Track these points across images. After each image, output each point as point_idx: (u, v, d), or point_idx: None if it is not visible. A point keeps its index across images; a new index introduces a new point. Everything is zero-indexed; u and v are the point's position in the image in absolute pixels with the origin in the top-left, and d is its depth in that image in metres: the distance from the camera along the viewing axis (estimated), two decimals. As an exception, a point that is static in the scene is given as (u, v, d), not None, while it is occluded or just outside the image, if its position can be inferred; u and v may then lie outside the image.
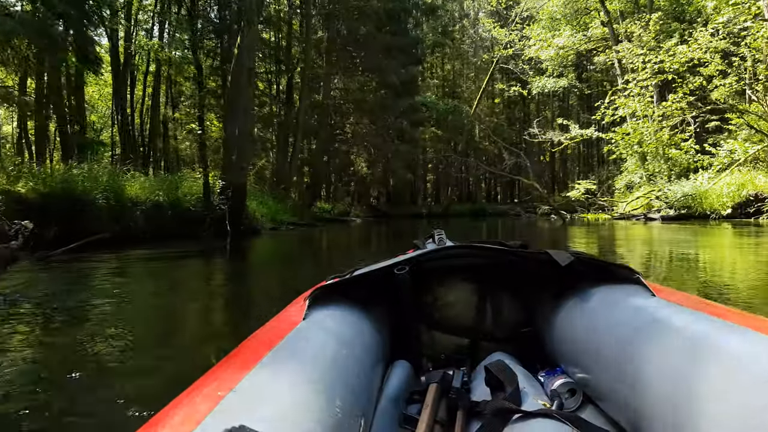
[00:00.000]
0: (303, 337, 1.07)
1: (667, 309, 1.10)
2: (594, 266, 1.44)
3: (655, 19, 21.20)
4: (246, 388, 0.77)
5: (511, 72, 41.58)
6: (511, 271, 1.71)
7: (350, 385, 0.98)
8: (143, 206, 11.27)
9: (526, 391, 1.24)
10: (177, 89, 26.67)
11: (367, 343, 1.27)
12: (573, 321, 1.36)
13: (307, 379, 0.86)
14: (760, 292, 4.30)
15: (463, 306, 1.75)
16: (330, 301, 1.36)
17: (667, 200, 19.05)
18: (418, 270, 1.63)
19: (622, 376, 1.04)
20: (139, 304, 4.26)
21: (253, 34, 12.04)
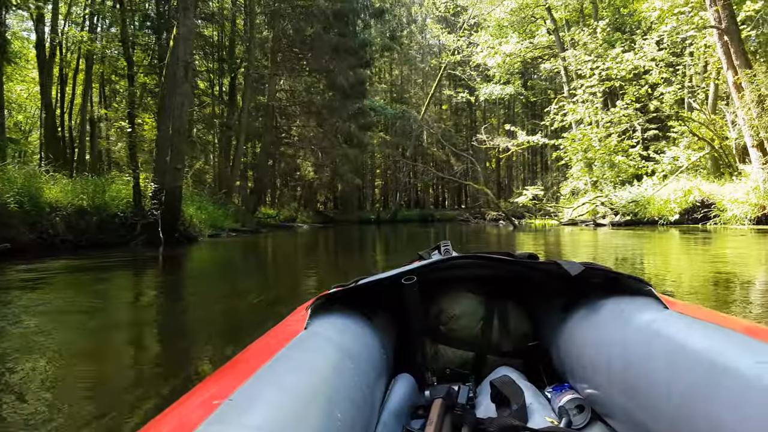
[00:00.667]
0: (303, 347, 1.05)
1: (681, 323, 1.07)
2: (604, 277, 1.40)
3: (602, 27, 21.21)
4: (242, 397, 0.76)
5: (459, 78, 41.69)
6: (519, 282, 1.71)
7: (352, 397, 0.95)
8: (64, 211, 10.22)
9: (533, 408, 1.22)
10: (111, 87, 25.48)
11: (370, 355, 1.24)
12: (582, 334, 1.33)
13: (306, 389, 0.84)
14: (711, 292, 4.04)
15: (469, 319, 1.68)
16: (332, 310, 1.34)
17: (612, 206, 19.07)
18: (424, 281, 1.52)
19: (632, 393, 1.02)
20: (40, 328, 3.39)
21: (190, 24, 11.07)
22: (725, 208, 14.32)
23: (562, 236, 13.88)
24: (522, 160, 50.17)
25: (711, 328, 1.00)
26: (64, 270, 6.95)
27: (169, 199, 11.45)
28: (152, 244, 10.97)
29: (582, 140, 21.38)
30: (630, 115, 19.66)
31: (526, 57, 30.76)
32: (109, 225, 10.99)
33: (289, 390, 0.81)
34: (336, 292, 1.38)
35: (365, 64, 30.60)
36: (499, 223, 25.88)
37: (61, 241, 9.85)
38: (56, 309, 4.23)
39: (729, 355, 0.85)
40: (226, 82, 28.54)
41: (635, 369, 1.04)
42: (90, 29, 20.85)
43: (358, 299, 1.43)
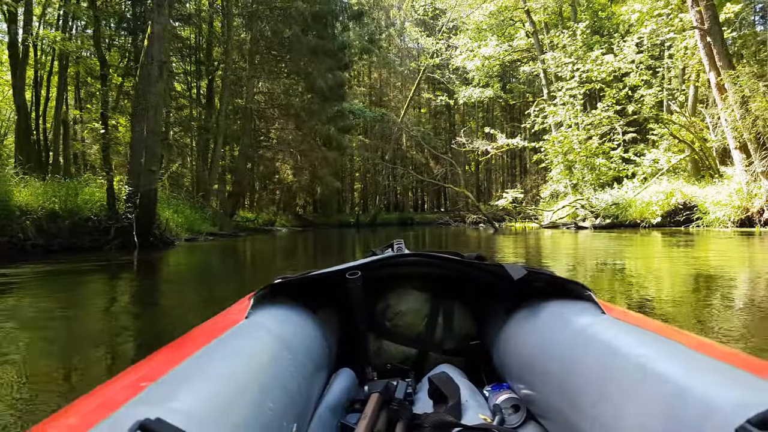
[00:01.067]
0: (241, 335, 1.04)
1: (616, 328, 1.08)
2: (547, 282, 1.42)
3: (582, 29, 21.24)
4: (170, 380, 0.74)
5: (438, 81, 41.68)
6: (465, 282, 1.71)
7: (286, 388, 0.95)
8: (34, 215, 9.86)
9: (469, 405, 1.24)
10: (87, 90, 24.98)
11: (311, 348, 1.24)
12: (522, 336, 1.36)
13: (239, 377, 0.83)
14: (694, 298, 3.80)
15: (414, 316, 1.71)
16: (276, 301, 1.33)
17: (592, 209, 19.05)
18: (372, 277, 1.57)
19: (566, 394, 1.03)
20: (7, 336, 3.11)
21: (164, 22, 10.75)
22: (707, 210, 14.32)
23: (544, 239, 13.73)
24: (501, 163, 50.31)
25: (644, 334, 1.02)
26: (32, 275, 6.63)
27: (144, 202, 11.12)
28: (126, 249, 10.64)
29: (563, 142, 21.36)
30: (611, 117, 19.69)
31: (505, 60, 30.80)
32: (82, 229, 10.62)
33: (220, 376, 0.80)
34: (280, 283, 1.38)
35: (344, 66, 30.39)
36: (479, 226, 25.84)
37: (32, 246, 9.52)
38: (17, 317, 3.95)
39: (658, 361, 0.87)
40: (204, 85, 28.20)
41: (569, 371, 1.06)
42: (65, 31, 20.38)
43: (303, 292, 1.44)
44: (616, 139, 20.17)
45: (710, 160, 17.66)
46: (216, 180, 24.31)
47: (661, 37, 18.28)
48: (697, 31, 13.72)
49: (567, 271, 6.31)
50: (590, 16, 27.78)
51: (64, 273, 7.02)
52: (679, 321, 3.28)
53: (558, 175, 23.91)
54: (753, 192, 12.89)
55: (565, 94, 21.24)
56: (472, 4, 30.82)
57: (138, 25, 20.70)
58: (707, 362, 0.84)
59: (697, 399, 0.74)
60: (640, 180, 19.17)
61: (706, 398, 0.73)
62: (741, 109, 12.63)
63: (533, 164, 32.79)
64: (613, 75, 19.54)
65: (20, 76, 16.72)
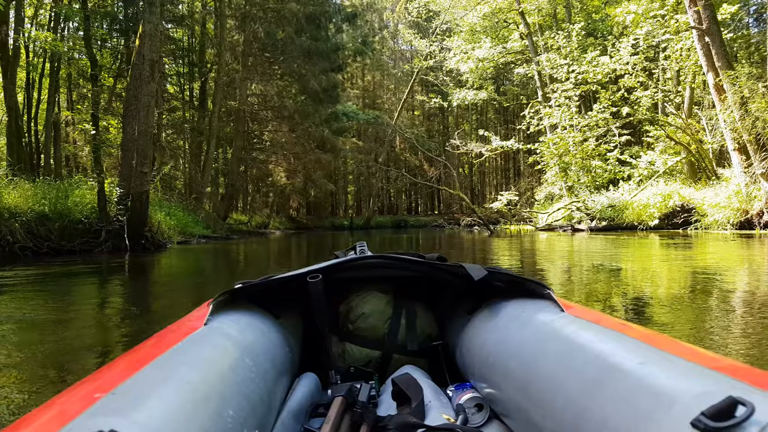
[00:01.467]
0: (199, 342, 1.02)
1: (575, 325, 1.10)
2: (507, 281, 1.44)
3: (578, 30, 21.15)
4: (125, 391, 0.73)
5: (432, 84, 41.61)
6: (427, 284, 1.75)
7: (247, 396, 0.93)
8: (24, 217, 9.65)
9: (432, 405, 1.24)
10: (79, 92, 24.74)
11: (273, 353, 1.22)
12: (484, 336, 1.36)
13: (197, 385, 0.81)
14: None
15: (377, 318, 1.70)
16: (236, 307, 1.31)
17: (588, 211, 18.93)
18: (334, 280, 1.59)
19: (528, 392, 1.04)
20: None
21: (156, 21, 10.55)
22: (706, 212, 14.21)
23: (541, 242, 13.58)
24: (495, 165, 50.30)
25: (602, 330, 1.03)
26: (19, 279, 6.42)
27: (136, 205, 10.90)
28: (118, 251, 10.45)
29: (559, 144, 21.27)
30: (607, 119, 19.60)
31: (499, 62, 30.70)
32: (73, 231, 10.42)
33: (178, 385, 0.77)
34: (239, 288, 1.36)
35: (338, 68, 30.23)
36: (473, 228, 25.72)
37: (21, 249, 9.33)
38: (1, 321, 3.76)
39: (616, 356, 0.89)
40: (197, 87, 28.07)
41: (530, 368, 1.07)
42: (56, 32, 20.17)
43: (264, 297, 1.42)
44: (612, 141, 20.08)
45: (706, 162, 17.59)
46: (209, 182, 24.15)
47: (656, 38, 18.21)
48: (694, 31, 13.61)
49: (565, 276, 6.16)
50: (584, 18, 27.75)
51: (53, 276, 6.82)
52: (677, 328, 3.16)
53: (553, 177, 23.82)
54: (752, 194, 12.80)
55: (561, 96, 21.14)
56: (466, 6, 30.76)
57: (130, 27, 20.50)
58: (664, 357, 0.85)
59: (655, 393, 0.75)
60: (636, 182, 19.08)
61: (663, 392, 0.74)
62: (740, 110, 12.52)
63: (528, 167, 32.76)
64: (608, 77, 19.47)
65: (11, 77, 16.46)
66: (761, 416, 0.60)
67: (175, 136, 27.26)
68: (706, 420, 0.63)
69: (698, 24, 13.13)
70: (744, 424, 0.60)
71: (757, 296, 4.25)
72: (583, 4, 29.93)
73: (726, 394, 0.65)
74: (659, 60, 20.18)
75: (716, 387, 0.70)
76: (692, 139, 18.15)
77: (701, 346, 0.97)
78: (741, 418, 0.61)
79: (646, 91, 19.12)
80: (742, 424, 0.60)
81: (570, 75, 20.58)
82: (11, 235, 9.34)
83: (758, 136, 12.42)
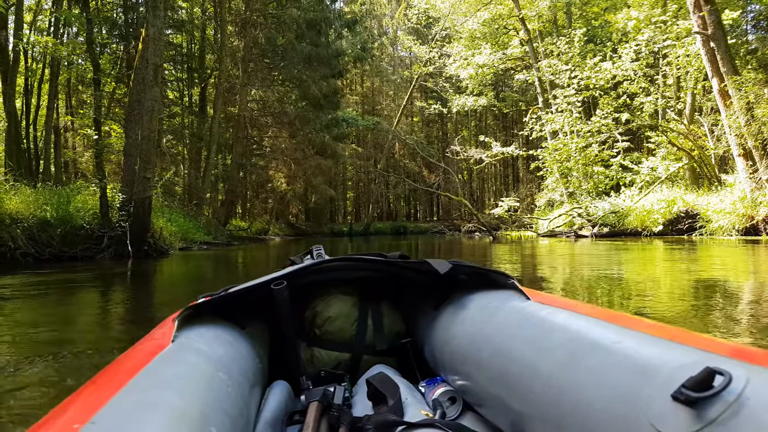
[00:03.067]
0: (171, 361, 0.99)
1: (544, 311, 1.11)
2: (471, 274, 1.46)
3: (580, 35, 21.15)
4: (104, 419, 0.70)
5: (431, 90, 41.61)
6: (392, 283, 1.74)
7: (226, 411, 0.91)
8: (25, 223, 9.54)
9: (408, 402, 1.24)
10: (78, 97, 24.69)
11: (243, 365, 1.19)
12: (452, 329, 1.37)
13: (176, 405, 0.78)
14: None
15: (343, 321, 1.70)
16: (202, 321, 1.28)
17: (589, 218, 18.86)
18: (297, 286, 1.57)
19: (503, 380, 1.05)
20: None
21: (160, 25, 10.47)
22: (710, 218, 14.14)
23: (546, 249, 13.47)
24: (494, 172, 50.29)
25: (572, 314, 1.05)
26: (21, 285, 6.32)
27: (138, 211, 10.80)
28: (120, 258, 10.34)
29: (561, 150, 21.22)
30: (609, 125, 19.57)
31: (499, 68, 30.71)
32: (75, 237, 10.29)
33: (158, 408, 0.75)
34: (204, 302, 1.33)
35: (338, 74, 30.21)
36: (474, 234, 25.64)
37: (23, 255, 9.21)
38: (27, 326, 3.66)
39: (590, 336, 0.91)
40: (196, 92, 27.99)
41: (503, 356, 1.08)
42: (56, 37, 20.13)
43: (228, 308, 1.40)
44: (615, 147, 20.04)
45: (709, 168, 17.54)
46: (209, 188, 24.03)
47: (658, 44, 18.21)
48: (698, 37, 13.57)
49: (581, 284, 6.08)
50: (583, 24, 27.77)
51: (55, 283, 6.72)
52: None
53: (554, 183, 23.77)
54: (758, 200, 12.74)
55: (563, 102, 21.12)
56: (466, 12, 30.79)
57: (130, 32, 20.46)
58: (637, 335, 0.87)
59: (633, 367, 0.77)
60: (638, 188, 19.03)
61: (640, 366, 0.76)
62: (746, 115, 12.47)
63: (528, 173, 32.72)
64: (611, 83, 19.46)
65: (10, 82, 16.39)
66: (738, 385, 0.63)
67: (175, 141, 27.18)
68: (687, 391, 0.65)
69: (703, 29, 13.09)
70: (722, 393, 0.63)
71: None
72: (582, 11, 29.97)
73: (704, 365, 0.67)
74: (660, 66, 20.18)
75: (693, 359, 0.72)
76: (695, 145, 18.11)
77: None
78: (719, 388, 0.63)
79: (648, 97, 19.10)
80: (721, 393, 0.63)
81: (572, 81, 20.56)
82: (13, 241, 9.22)
83: (764, 142, 12.38)
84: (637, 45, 18.45)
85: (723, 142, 15.70)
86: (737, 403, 0.61)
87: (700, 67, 17.07)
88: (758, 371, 0.66)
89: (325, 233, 33.95)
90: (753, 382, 0.63)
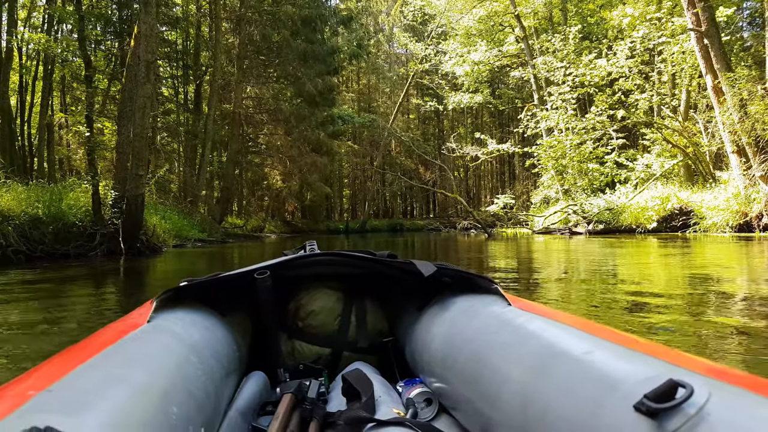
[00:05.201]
0: (142, 340, 1.00)
1: (521, 317, 1.12)
2: (456, 277, 1.46)
3: (575, 33, 21.12)
4: (63, 388, 0.70)
5: (427, 87, 41.56)
6: (378, 281, 1.75)
7: (192, 393, 0.91)
8: (17, 221, 9.49)
9: (382, 401, 1.24)
10: (73, 95, 24.59)
11: (219, 352, 1.20)
12: (433, 331, 1.38)
13: (139, 382, 0.79)
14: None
15: (326, 315, 1.70)
16: (181, 304, 1.29)
17: (584, 214, 18.85)
18: (283, 277, 1.58)
19: (476, 384, 1.06)
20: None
21: (152, 21, 10.43)
22: (704, 215, 14.14)
23: (541, 245, 13.47)
24: (490, 169, 50.27)
25: (547, 322, 1.06)
26: (11, 283, 6.29)
27: (131, 208, 10.73)
28: (112, 255, 10.28)
29: (556, 147, 21.21)
30: (604, 122, 19.56)
31: (495, 65, 30.67)
32: (67, 235, 10.23)
33: (118, 382, 0.76)
34: (184, 286, 1.33)
35: (333, 71, 30.15)
36: (469, 232, 25.63)
37: (14, 252, 9.13)
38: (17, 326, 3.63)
39: (561, 345, 0.92)
40: (191, 89, 27.94)
41: (478, 361, 1.09)
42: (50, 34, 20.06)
43: (211, 294, 1.40)
44: (610, 144, 20.04)
45: (703, 165, 17.55)
46: (204, 186, 23.97)
47: (653, 41, 18.19)
48: (692, 33, 13.56)
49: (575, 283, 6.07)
50: (579, 21, 27.74)
51: (46, 281, 6.68)
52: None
53: (549, 180, 23.76)
54: (751, 196, 12.73)
55: (558, 99, 21.09)
56: (462, 9, 30.73)
57: (124, 29, 20.42)
58: (607, 345, 0.88)
59: (598, 378, 0.78)
60: (633, 185, 19.02)
61: (606, 377, 0.77)
62: (739, 112, 12.46)
63: (524, 170, 32.71)
64: (606, 80, 19.45)
65: (3, 79, 16.34)
66: (700, 398, 0.63)
67: (170, 139, 27.11)
68: (649, 402, 0.66)
69: (697, 26, 13.07)
70: (683, 405, 0.63)
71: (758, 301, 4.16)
72: (578, 8, 29.94)
73: (666, 377, 0.67)
74: (655, 63, 20.18)
75: (657, 371, 0.73)
76: (689, 142, 18.11)
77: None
78: (681, 399, 0.64)
79: (643, 94, 19.09)
80: (682, 405, 0.63)
81: (567, 78, 20.54)
82: (4, 238, 9.15)
83: (757, 139, 12.37)
84: (632, 42, 18.41)
85: (717, 139, 15.69)
86: (698, 416, 0.62)
87: (694, 64, 17.05)
88: (720, 386, 0.67)
89: (322, 231, 33.91)
90: (715, 396, 0.64)
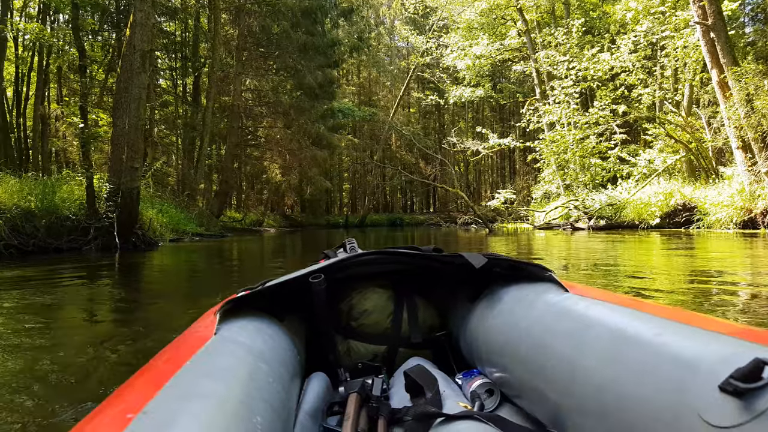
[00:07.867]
0: (215, 353, 1.01)
1: (582, 303, 1.11)
2: (507, 267, 1.46)
3: (578, 26, 20.91)
4: (156, 408, 0.72)
5: (428, 81, 41.33)
6: (426, 276, 1.75)
7: (269, 401, 0.93)
8: (8, 214, 9.31)
9: (446, 395, 1.24)
10: (69, 86, 24.40)
11: (282, 357, 1.21)
12: (488, 322, 1.38)
13: (223, 396, 0.81)
14: None
15: (378, 313, 1.71)
16: (242, 314, 1.30)
17: (586, 210, 18.69)
18: (332, 279, 1.55)
19: (539, 372, 1.06)
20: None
21: (148, 9, 10.21)
22: (708, 211, 13.96)
23: (542, 241, 13.29)
24: (491, 163, 50.10)
25: (611, 307, 1.04)
26: (5, 280, 6.11)
27: (126, 201, 10.55)
28: (107, 250, 10.12)
29: (558, 142, 21.02)
30: (607, 117, 19.38)
31: (497, 59, 30.47)
32: (60, 229, 10.07)
33: (205, 398, 0.77)
34: (244, 295, 1.34)
35: (334, 64, 29.93)
36: (470, 227, 25.48)
37: (5, 247, 8.96)
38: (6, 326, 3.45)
39: (630, 329, 0.90)
40: (190, 82, 27.76)
41: (541, 349, 1.08)
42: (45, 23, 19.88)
43: (266, 301, 1.41)
44: (613, 139, 19.86)
45: (706, 160, 17.37)
46: (202, 179, 23.82)
47: (656, 35, 17.99)
48: (698, 27, 13.34)
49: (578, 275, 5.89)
50: (582, 15, 27.54)
51: (37, 277, 6.50)
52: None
53: (551, 175, 23.61)
54: (756, 193, 12.56)
55: (561, 93, 20.91)
56: (464, 2, 30.50)
57: (121, 19, 20.22)
58: (681, 327, 0.85)
59: (676, 360, 0.76)
60: (635, 180, 18.86)
61: (685, 359, 0.75)
62: (745, 107, 12.26)
63: (525, 165, 32.55)
64: (608, 74, 19.28)
65: (-1, 70, 16.13)
66: None
67: (168, 131, 26.92)
68: (736, 382, 0.63)
69: (703, 20, 12.86)
70: None
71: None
72: (581, 2, 29.72)
73: (751, 356, 0.65)
74: (658, 58, 19.99)
75: (740, 351, 0.70)
76: (692, 137, 17.93)
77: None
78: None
79: (646, 88, 18.91)
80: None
81: (570, 72, 20.35)
82: (-5, 232, 9.02)
83: (764, 134, 12.18)
84: (636, 36, 18.23)
85: (721, 135, 15.49)
86: None
87: (698, 58, 16.87)
88: None
89: (321, 225, 33.76)
90: None
